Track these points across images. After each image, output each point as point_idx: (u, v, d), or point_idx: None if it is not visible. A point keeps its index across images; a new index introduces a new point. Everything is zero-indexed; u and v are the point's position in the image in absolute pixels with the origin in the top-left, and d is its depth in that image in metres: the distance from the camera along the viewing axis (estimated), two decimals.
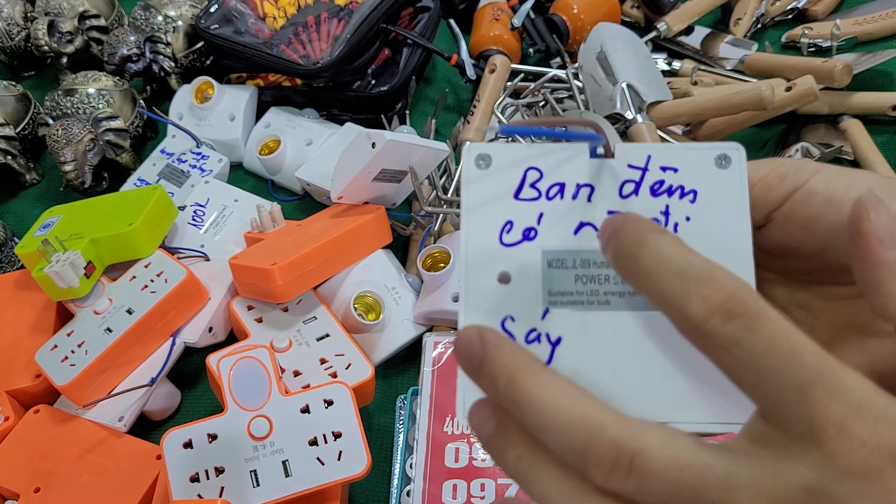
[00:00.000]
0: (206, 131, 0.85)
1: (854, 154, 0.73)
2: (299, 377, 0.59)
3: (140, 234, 0.64)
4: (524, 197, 0.28)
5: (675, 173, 0.28)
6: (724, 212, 0.27)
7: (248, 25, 0.85)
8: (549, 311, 0.27)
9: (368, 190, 0.67)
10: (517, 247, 0.28)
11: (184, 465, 0.51)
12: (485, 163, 0.29)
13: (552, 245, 0.28)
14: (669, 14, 0.90)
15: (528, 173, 0.28)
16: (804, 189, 0.27)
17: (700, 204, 0.27)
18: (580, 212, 0.28)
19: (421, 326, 0.65)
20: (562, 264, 0.28)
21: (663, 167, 0.28)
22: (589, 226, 0.28)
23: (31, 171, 0.87)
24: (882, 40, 0.84)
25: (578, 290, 0.27)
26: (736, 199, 0.27)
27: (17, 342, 0.65)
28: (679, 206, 0.28)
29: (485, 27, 0.90)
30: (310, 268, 0.61)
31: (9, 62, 1.00)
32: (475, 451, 0.55)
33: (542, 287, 0.27)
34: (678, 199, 0.28)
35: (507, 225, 0.28)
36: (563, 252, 0.28)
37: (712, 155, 0.28)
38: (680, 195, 0.28)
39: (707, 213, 0.27)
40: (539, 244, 0.28)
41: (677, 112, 0.72)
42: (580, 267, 0.27)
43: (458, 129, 0.81)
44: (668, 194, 0.28)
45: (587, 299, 0.27)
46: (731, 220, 0.27)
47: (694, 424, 0.25)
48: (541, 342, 0.27)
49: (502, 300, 0.27)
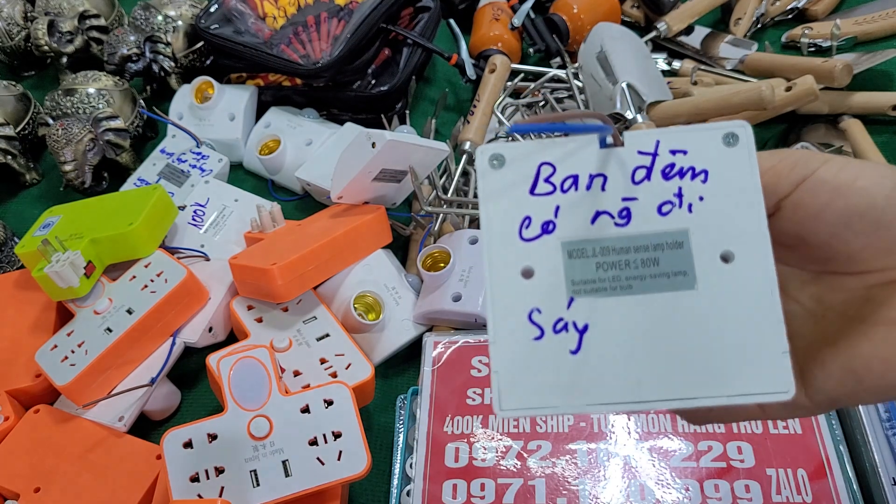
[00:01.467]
0: (206, 131, 0.85)
1: (854, 154, 0.73)
2: (299, 377, 0.59)
3: (140, 234, 0.64)
4: (540, 192, 0.29)
5: (684, 155, 0.28)
6: (736, 188, 0.28)
7: (248, 25, 0.85)
8: (574, 299, 0.28)
9: (368, 190, 0.67)
10: (537, 241, 0.29)
11: (184, 464, 0.51)
12: (498, 162, 0.29)
13: (571, 236, 0.28)
14: (669, 14, 0.90)
15: (541, 168, 0.29)
16: (813, 178, 0.28)
17: (712, 183, 0.28)
18: (595, 201, 0.28)
19: (421, 326, 0.65)
20: (582, 254, 0.28)
21: (673, 150, 0.28)
22: (605, 214, 0.28)
23: (31, 171, 0.87)
24: (882, 40, 0.84)
25: (601, 278, 0.28)
26: (746, 174, 0.28)
27: (17, 342, 0.65)
28: (691, 186, 0.28)
29: (485, 27, 0.90)
30: (310, 268, 0.61)
31: (9, 62, 1.00)
32: (475, 451, 0.55)
33: (565, 277, 0.28)
34: (690, 181, 0.28)
35: (526, 220, 0.29)
36: (582, 242, 0.28)
37: (720, 134, 0.28)
38: (691, 176, 0.28)
39: (719, 191, 0.28)
40: (558, 236, 0.29)
41: (677, 112, 0.72)
42: (600, 255, 0.28)
43: (458, 129, 0.81)
44: (679, 176, 0.28)
45: (610, 285, 0.28)
46: (743, 195, 0.28)
47: (722, 398, 0.26)
48: (568, 331, 0.28)
49: (528, 294, 0.28)
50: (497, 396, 0.27)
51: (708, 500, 0.51)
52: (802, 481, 0.51)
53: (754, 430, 0.54)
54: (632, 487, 0.52)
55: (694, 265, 0.28)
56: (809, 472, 0.52)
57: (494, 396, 0.27)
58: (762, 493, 0.51)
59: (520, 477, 0.53)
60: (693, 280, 0.27)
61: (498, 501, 0.52)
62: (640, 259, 0.28)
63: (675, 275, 0.28)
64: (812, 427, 0.54)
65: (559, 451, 0.54)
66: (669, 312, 0.27)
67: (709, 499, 0.51)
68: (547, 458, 0.54)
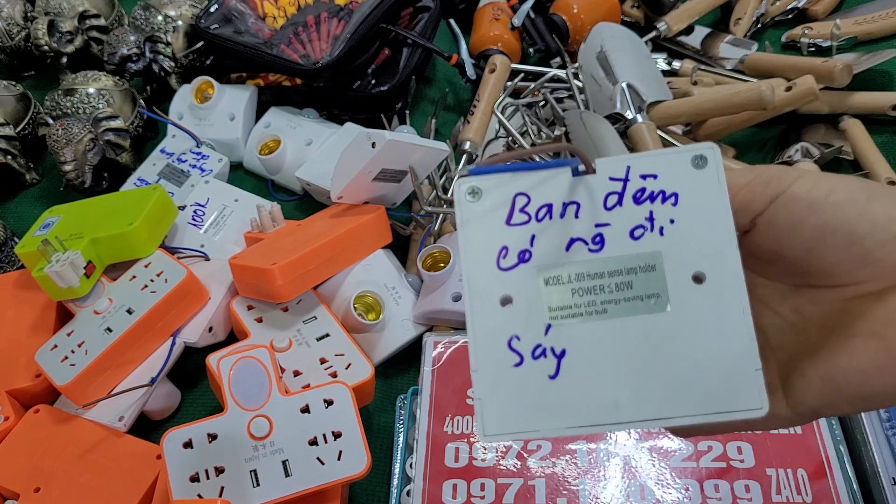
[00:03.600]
0: (206, 131, 0.85)
1: (854, 154, 0.73)
2: (299, 377, 0.59)
3: (140, 234, 0.64)
4: (515, 222, 0.30)
5: (654, 179, 0.29)
6: (706, 210, 0.28)
7: (248, 25, 0.85)
8: (552, 326, 0.29)
9: (368, 190, 0.67)
10: (514, 270, 0.29)
11: (184, 464, 0.51)
12: (475, 195, 0.30)
13: (546, 264, 0.29)
14: (669, 14, 0.90)
15: (516, 199, 0.30)
16: (786, 195, 0.28)
17: (682, 205, 0.28)
18: (569, 229, 0.29)
19: (421, 326, 0.65)
20: (557, 280, 0.29)
21: (643, 175, 0.29)
22: (579, 240, 0.29)
23: (31, 171, 0.87)
24: (882, 40, 0.84)
25: (576, 303, 0.29)
26: (715, 196, 0.28)
27: (17, 342, 0.65)
28: (662, 210, 0.28)
29: (485, 27, 0.90)
30: (310, 268, 0.61)
31: (9, 62, 1.00)
32: (475, 451, 0.55)
33: (542, 304, 0.29)
34: (661, 204, 0.29)
35: (503, 251, 0.30)
36: (557, 269, 0.29)
37: (688, 157, 0.29)
38: (662, 199, 0.29)
39: (690, 213, 0.28)
40: (534, 264, 0.29)
41: (677, 112, 0.72)
42: (575, 280, 0.29)
43: (458, 129, 0.81)
44: (650, 200, 0.29)
45: (585, 310, 0.28)
46: (713, 216, 0.28)
47: (698, 417, 0.27)
48: (546, 356, 0.28)
49: (507, 321, 0.29)
50: (480, 422, 0.28)
51: (708, 500, 0.51)
52: (802, 481, 0.51)
53: None
54: (632, 487, 0.52)
55: (667, 287, 0.28)
56: (809, 472, 0.52)
57: (478, 422, 0.28)
58: (762, 493, 0.51)
59: (520, 477, 0.53)
60: (666, 302, 0.28)
61: (498, 501, 0.52)
62: (614, 283, 0.28)
63: (648, 297, 0.28)
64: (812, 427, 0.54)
65: (559, 451, 0.54)
66: (644, 334, 0.28)
67: (709, 499, 0.51)
68: (547, 458, 0.54)
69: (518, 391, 0.28)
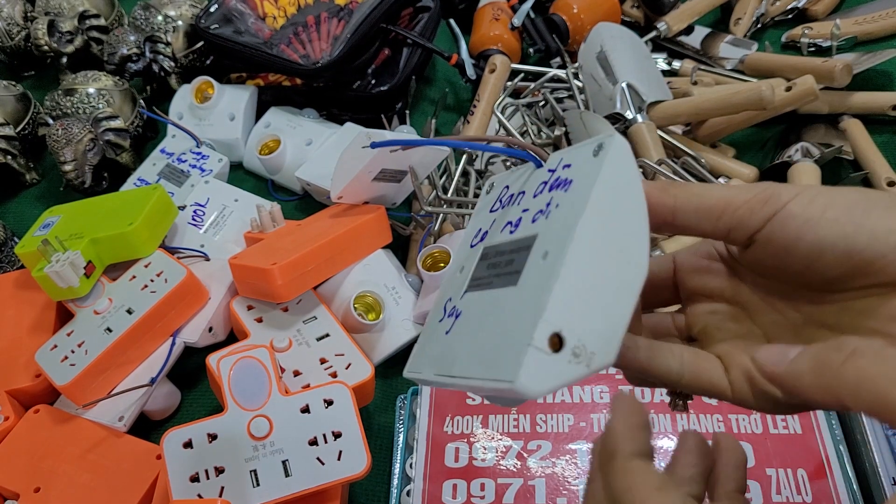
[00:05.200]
0: (206, 131, 0.85)
1: (854, 154, 0.73)
2: (299, 377, 0.59)
3: (140, 234, 0.64)
4: (493, 209, 0.35)
5: (569, 168, 0.30)
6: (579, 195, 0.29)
7: (248, 25, 0.85)
8: (467, 292, 0.32)
9: (368, 190, 0.67)
10: (475, 247, 0.34)
11: (184, 464, 0.51)
12: (488, 188, 0.37)
13: (488, 242, 0.33)
14: (669, 14, 0.90)
15: (503, 191, 0.35)
16: (783, 212, 0.28)
17: (570, 191, 0.29)
18: (509, 213, 0.33)
19: (421, 326, 0.65)
20: (486, 256, 0.33)
21: (565, 165, 0.31)
22: (509, 224, 0.32)
23: (31, 171, 0.87)
24: (882, 40, 0.84)
25: (485, 275, 0.32)
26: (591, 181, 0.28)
27: (17, 342, 0.65)
28: (558, 196, 0.30)
29: (485, 27, 0.90)
30: (310, 268, 0.61)
31: (9, 62, 1.00)
32: (475, 451, 0.55)
33: (472, 275, 0.33)
34: (560, 191, 0.30)
35: (479, 232, 0.35)
36: (490, 247, 0.33)
37: (592, 146, 0.30)
38: (563, 187, 0.30)
39: (569, 199, 0.29)
40: (485, 243, 0.34)
41: (677, 112, 0.72)
42: (493, 257, 0.32)
43: (458, 129, 0.81)
44: (557, 188, 0.30)
45: (485, 282, 0.31)
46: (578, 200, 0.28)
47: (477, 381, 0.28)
48: (452, 316, 0.32)
49: (453, 286, 0.34)
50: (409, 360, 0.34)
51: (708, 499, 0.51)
52: (802, 481, 0.51)
53: (754, 429, 0.54)
54: None
55: (525, 265, 0.29)
56: (809, 472, 0.52)
57: None
58: (762, 493, 0.51)
59: (520, 477, 0.53)
60: (517, 277, 0.29)
61: (498, 501, 0.52)
62: (504, 260, 0.31)
63: (513, 274, 0.29)
64: (812, 427, 0.54)
65: (559, 451, 0.54)
66: (494, 304, 0.30)
67: None
68: (547, 458, 0.54)
69: (430, 341, 0.33)
